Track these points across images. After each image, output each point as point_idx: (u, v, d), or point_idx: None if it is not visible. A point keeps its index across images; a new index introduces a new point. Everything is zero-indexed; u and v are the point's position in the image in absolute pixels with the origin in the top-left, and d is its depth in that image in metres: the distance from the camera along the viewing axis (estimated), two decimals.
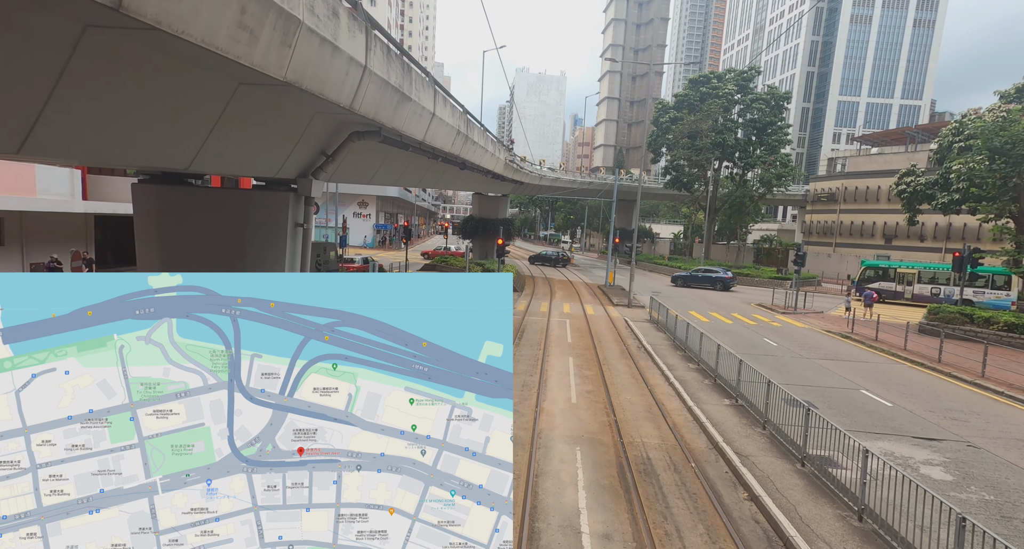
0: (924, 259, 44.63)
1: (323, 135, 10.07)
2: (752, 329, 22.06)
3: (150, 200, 9.70)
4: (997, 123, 23.83)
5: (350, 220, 52.52)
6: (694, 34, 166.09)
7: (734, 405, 11.88)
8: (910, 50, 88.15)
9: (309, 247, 10.89)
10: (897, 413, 12.06)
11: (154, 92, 5.85)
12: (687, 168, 49.33)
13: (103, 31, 4.65)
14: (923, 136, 52.80)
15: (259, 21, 5.23)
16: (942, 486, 8.43)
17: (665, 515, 7.29)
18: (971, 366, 16.32)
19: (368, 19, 7.76)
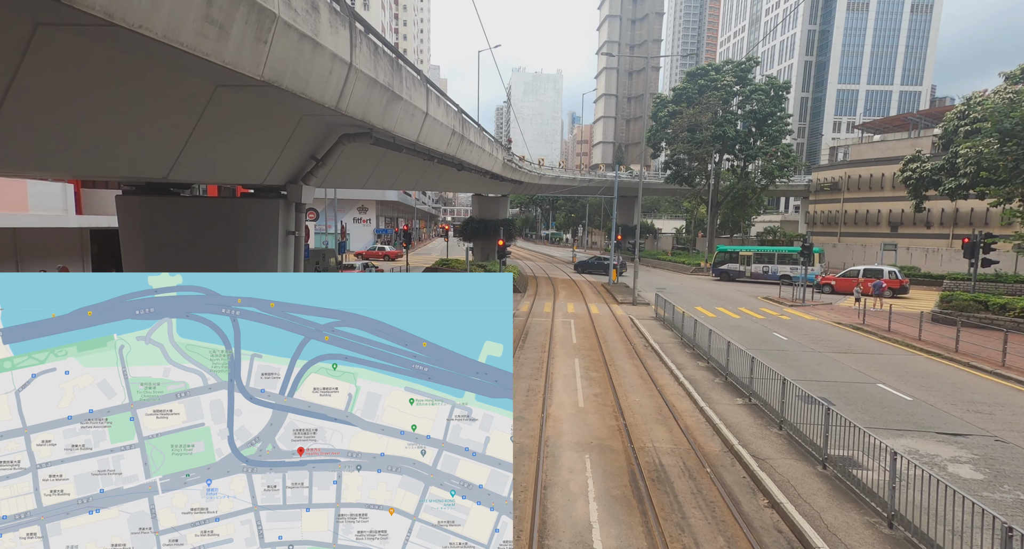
0: (931, 245, 44.37)
1: (312, 138, 9.73)
2: (760, 323, 21.61)
3: (135, 212, 9.38)
4: (1006, 104, 23.29)
5: (350, 226, 52.24)
6: (689, 28, 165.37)
7: (747, 404, 11.46)
8: (908, 36, 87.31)
9: (302, 255, 10.55)
10: (918, 407, 11.61)
11: (122, 97, 5.50)
12: (687, 162, 48.82)
13: (56, 29, 4.30)
14: (926, 121, 52.12)
15: (228, 14, 4.87)
16: (973, 485, 8.00)
17: (682, 527, 6.89)
18: (990, 355, 15.84)
19: (352, 14, 7.40)
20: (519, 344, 17.13)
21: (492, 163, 22.46)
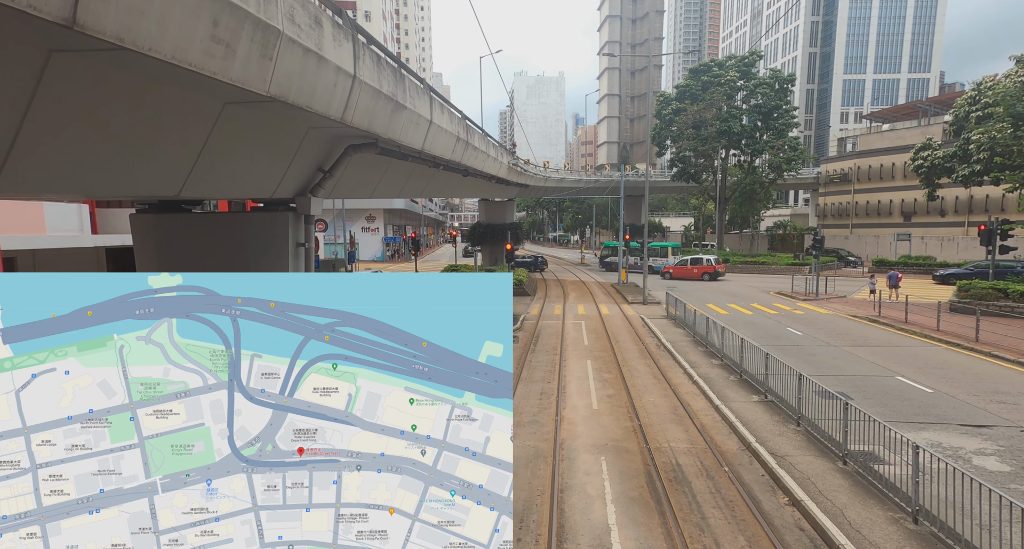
0: (946, 233, 43.82)
1: (318, 151, 9.84)
2: (774, 319, 21.39)
3: (149, 229, 9.55)
4: (1019, 88, 22.89)
5: (359, 235, 52.63)
6: (691, 24, 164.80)
7: (763, 401, 11.34)
8: (914, 22, 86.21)
9: (313, 266, 10.65)
10: (939, 399, 11.41)
11: (134, 118, 5.62)
12: (693, 159, 48.54)
13: (69, 56, 4.41)
14: (936, 109, 51.34)
15: (234, 33, 4.97)
16: (999, 478, 7.84)
17: (701, 527, 6.83)
18: (1012, 344, 15.52)
19: (354, 26, 7.50)
20: (530, 347, 17.12)
21: (497, 168, 22.53)
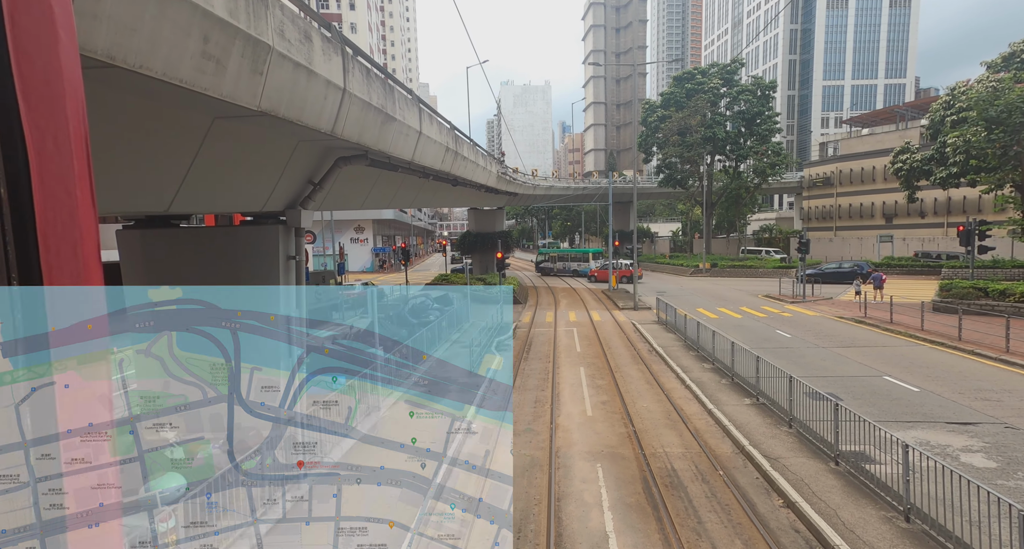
0: (926, 234, 44.69)
1: (308, 163, 9.85)
2: (763, 322, 21.63)
3: (135, 246, 9.45)
4: (990, 93, 23.59)
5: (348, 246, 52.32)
6: (673, 33, 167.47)
7: (756, 404, 11.46)
8: (889, 30, 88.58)
9: (304, 279, 10.60)
10: (925, 398, 11.61)
11: (122, 135, 5.60)
12: (680, 165, 49.19)
13: None
14: (912, 113, 52.61)
15: (225, 49, 4.99)
16: (987, 474, 7.99)
17: (699, 532, 6.87)
18: (993, 342, 15.86)
19: (344, 40, 7.56)
20: (523, 355, 17.12)
21: (486, 177, 22.64)
